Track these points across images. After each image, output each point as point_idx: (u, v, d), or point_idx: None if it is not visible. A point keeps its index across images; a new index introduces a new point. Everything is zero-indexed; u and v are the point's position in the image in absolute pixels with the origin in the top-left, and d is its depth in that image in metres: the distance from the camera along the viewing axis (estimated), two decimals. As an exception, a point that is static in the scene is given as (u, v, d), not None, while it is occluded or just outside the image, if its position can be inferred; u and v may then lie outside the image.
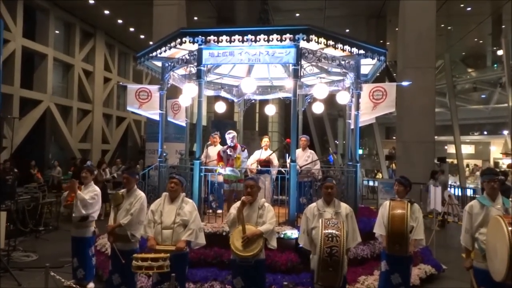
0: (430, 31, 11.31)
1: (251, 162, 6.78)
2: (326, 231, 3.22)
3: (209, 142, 6.96)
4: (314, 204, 3.78)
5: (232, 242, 3.55)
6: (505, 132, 22.95)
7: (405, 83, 7.44)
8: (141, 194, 4.22)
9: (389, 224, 3.89)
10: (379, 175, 17.91)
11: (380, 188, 10.82)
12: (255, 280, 3.58)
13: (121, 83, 17.96)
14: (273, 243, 3.65)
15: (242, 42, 5.17)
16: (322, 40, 5.19)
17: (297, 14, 16.30)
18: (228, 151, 6.23)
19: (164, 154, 6.77)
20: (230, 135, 6.28)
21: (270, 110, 8.82)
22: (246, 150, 5.96)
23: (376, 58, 5.73)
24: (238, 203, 3.79)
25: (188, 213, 3.70)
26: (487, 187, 3.61)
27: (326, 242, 3.15)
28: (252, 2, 14.70)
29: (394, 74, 17.90)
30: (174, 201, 3.77)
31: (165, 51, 5.81)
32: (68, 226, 6.25)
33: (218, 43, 5.30)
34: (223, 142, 7.19)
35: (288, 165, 5.60)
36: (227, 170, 5.83)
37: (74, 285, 3.54)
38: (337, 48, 5.34)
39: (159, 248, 3.55)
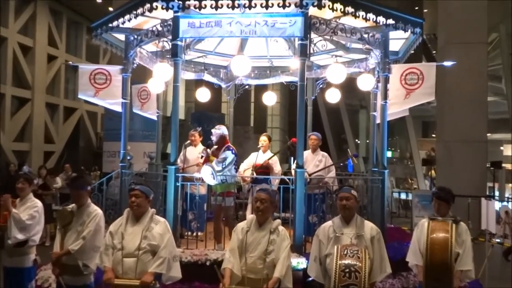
0: (481, -5, 11.38)
1: (244, 168, 6.78)
2: (343, 262, 3.19)
3: (188, 142, 6.95)
4: (329, 223, 3.77)
5: None
6: None
7: (447, 63, 7.46)
8: (96, 211, 4.19)
9: (427, 252, 3.85)
10: (414, 185, 17.98)
11: (415, 203, 10.85)
12: None
13: (70, 62, 17.85)
14: (289, 285, 3.55)
15: (233, 9, 5.17)
16: (338, 6, 5.20)
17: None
18: (203, 152, 6.19)
19: (128, 158, 6.75)
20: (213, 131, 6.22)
21: (270, 99, 8.82)
22: (231, 151, 5.90)
23: (409, 30, 5.74)
24: (242, 224, 3.75)
25: (158, 236, 3.68)
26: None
27: (341, 279, 3.12)
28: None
29: (434, 52, 17.99)
30: (140, 220, 3.76)
31: (129, 20, 5.79)
32: (-1, 253, 6.20)
33: (200, 9, 5.30)
34: (206, 141, 7.18)
35: (293, 172, 5.59)
36: (203, 171, 5.76)
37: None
38: (358, 16, 5.35)
39: (118, 282, 3.53)
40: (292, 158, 6.12)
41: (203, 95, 8.12)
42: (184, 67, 7.50)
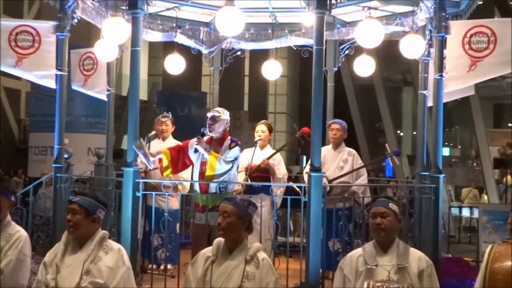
0: None
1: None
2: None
3: (153, 133, 6.97)
4: (358, 252, 3.81)
5: None
6: None
7: (531, 20, 7.48)
8: (19, 232, 4.21)
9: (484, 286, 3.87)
10: (483, 197, 18.04)
11: (484, 223, 10.90)
12: None
13: (-19, 17, 17.80)
14: None
15: None
16: None
17: None
18: (195, 144, 6.17)
19: (66, 156, 6.74)
20: (209, 114, 6.20)
21: (272, 71, 8.82)
22: (239, 146, 5.95)
23: (475, -28, 5.77)
24: (206, 250, 3.80)
25: (106, 271, 3.69)
26: None
27: None
28: None
29: (511, 3, 18.02)
30: (84, 246, 3.78)
31: (67, -46, 5.81)
32: None
33: None
34: (179, 132, 7.19)
35: (305, 177, 5.60)
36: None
37: None
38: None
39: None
40: (304, 157, 6.13)
41: (174, 65, 8.09)
42: (147, 23, 7.48)
